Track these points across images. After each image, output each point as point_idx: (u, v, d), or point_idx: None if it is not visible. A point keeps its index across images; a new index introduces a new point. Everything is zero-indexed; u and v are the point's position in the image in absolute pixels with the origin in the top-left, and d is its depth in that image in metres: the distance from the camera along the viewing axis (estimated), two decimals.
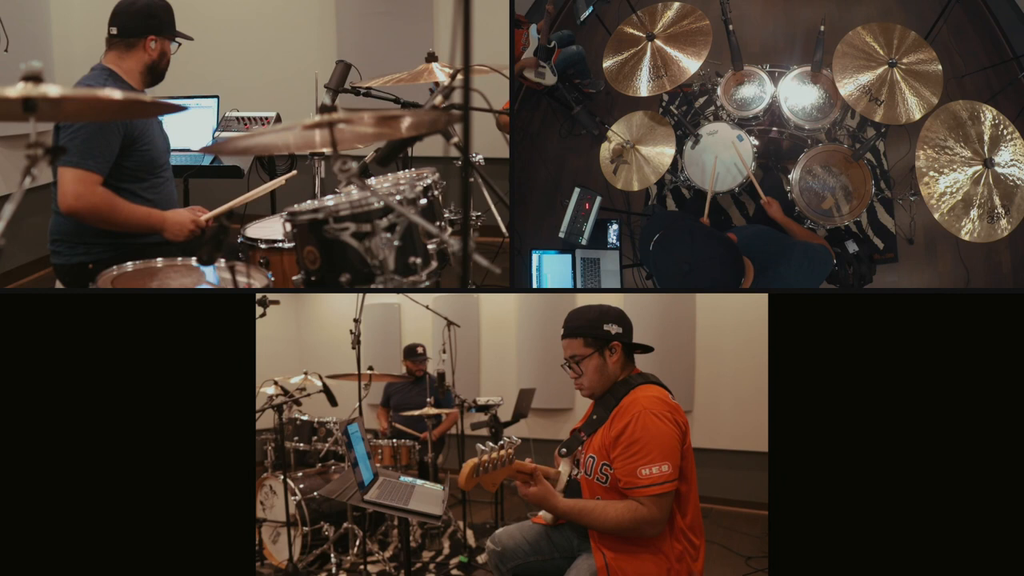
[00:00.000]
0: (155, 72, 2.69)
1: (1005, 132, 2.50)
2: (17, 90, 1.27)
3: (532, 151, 3.18)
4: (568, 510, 1.82)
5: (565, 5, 3.21)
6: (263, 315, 2.82)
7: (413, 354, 3.90)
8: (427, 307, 3.68)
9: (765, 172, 2.89)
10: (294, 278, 2.04)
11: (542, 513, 2.02)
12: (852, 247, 2.83)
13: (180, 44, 2.74)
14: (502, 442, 1.76)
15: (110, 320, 1.81)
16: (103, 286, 2.11)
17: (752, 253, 2.41)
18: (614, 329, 1.88)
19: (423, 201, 2.07)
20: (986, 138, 2.50)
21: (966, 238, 2.48)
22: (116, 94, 1.45)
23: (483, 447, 1.74)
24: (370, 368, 3.61)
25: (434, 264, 2.01)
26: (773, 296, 1.88)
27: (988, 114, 2.51)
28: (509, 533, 2.01)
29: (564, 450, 1.96)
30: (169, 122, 2.78)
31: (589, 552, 1.84)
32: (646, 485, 1.72)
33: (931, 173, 2.51)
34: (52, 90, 1.29)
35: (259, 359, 1.90)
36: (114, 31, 2.61)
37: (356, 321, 3.24)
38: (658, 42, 2.83)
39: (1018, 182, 2.48)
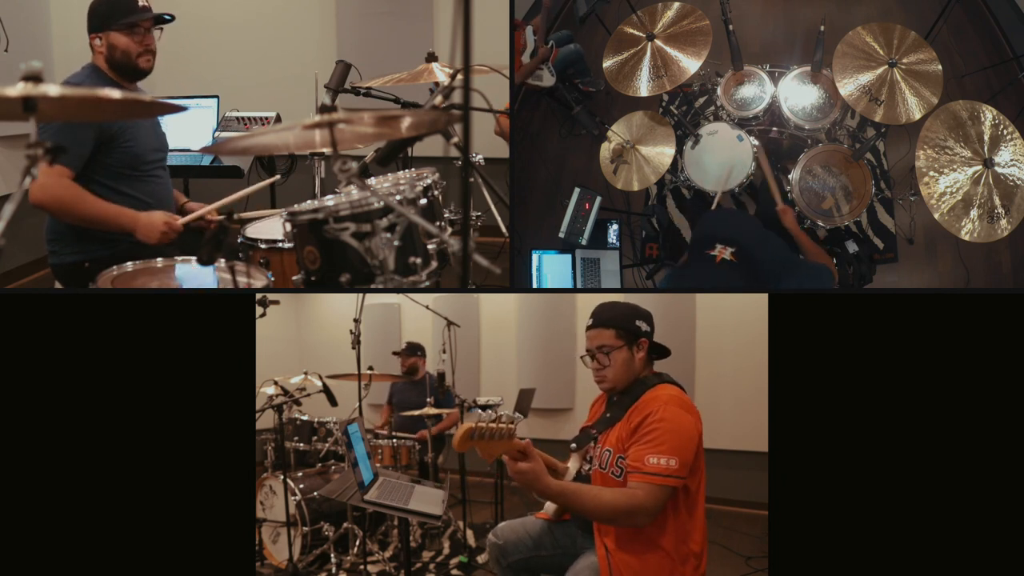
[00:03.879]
0: (117, 67, 2.59)
1: (1005, 132, 2.50)
2: (17, 90, 1.27)
3: (532, 151, 3.18)
4: (560, 491, 1.72)
5: (565, 5, 3.21)
6: (263, 315, 2.82)
7: (400, 351, 3.94)
8: (427, 307, 3.68)
9: None
10: (294, 278, 2.04)
11: (545, 508, 2.02)
12: (852, 247, 2.83)
13: (144, 29, 2.60)
14: (501, 414, 1.73)
15: (110, 320, 1.81)
16: (103, 286, 2.11)
17: (759, 257, 2.40)
18: (644, 327, 1.89)
19: (423, 201, 2.07)
20: (986, 138, 2.50)
21: (966, 238, 2.48)
22: (115, 94, 1.45)
23: (480, 412, 1.72)
24: (370, 368, 3.61)
25: (434, 264, 2.01)
26: (773, 296, 1.88)
27: (988, 114, 2.51)
28: (512, 527, 2.01)
29: (574, 445, 1.96)
30: (169, 122, 2.78)
31: (591, 550, 1.84)
32: (650, 472, 1.70)
33: (931, 173, 2.51)
34: (52, 90, 1.29)
35: (259, 359, 1.90)
36: None
37: (356, 321, 3.24)
38: (658, 42, 2.83)
39: (1018, 182, 2.48)
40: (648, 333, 1.90)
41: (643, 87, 2.82)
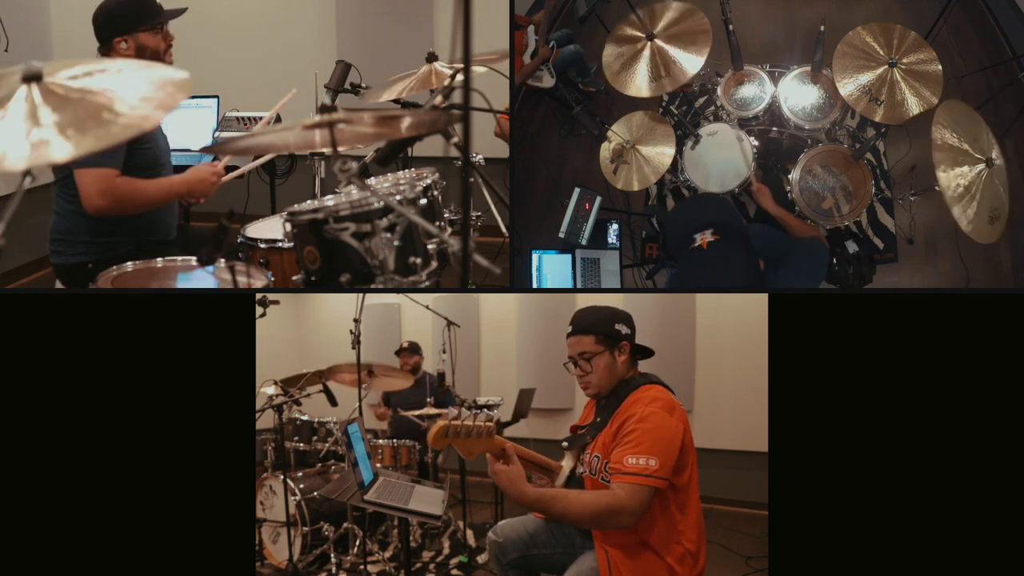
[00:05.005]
0: None
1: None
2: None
3: (532, 151, 3.18)
4: (538, 498, 1.69)
5: (565, 5, 3.21)
6: (263, 315, 2.82)
7: (400, 349, 3.96)
8: (427, 307, 3.68)
9: (765, 172, 2.89)
10: (294, 278, 2.04)
11: None
12: (852, 247, 2.83)
13: (163, 28, 2.64)
14: (478, 412, 1.72)
15: (110, 320, 1.81)
16: (103, 286, 2.12)
17: (749, 237, 2.41)
18: (624, 329, 1.89)
19: (423, 201, 2.07)
20: (988, 137, 2.49)
21: (967, 230, 2.44)
22: None
23: (452, 410, 1.72)
24: (370, 368, 3.60)
25: (434, 264, 2.01)
26: (773, 296, 1.88)
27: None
28: (511, 525, 2.01)
29: (566, 444, 1.96)
30: (169, 122, 2.77)
31: (590, 549, 1.84)
32: (629, 472, 1.69)
33: (945, 166, 2.46)
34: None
35: (259, 359, 1.90)
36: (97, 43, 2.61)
37: (356, 321, 3.24)
38: (658, 42, 2.82)
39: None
40: (629, 335, 1.89)
41: (643, 87, 2.82)
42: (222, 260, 1.70)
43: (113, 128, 1.20)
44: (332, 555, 3.15)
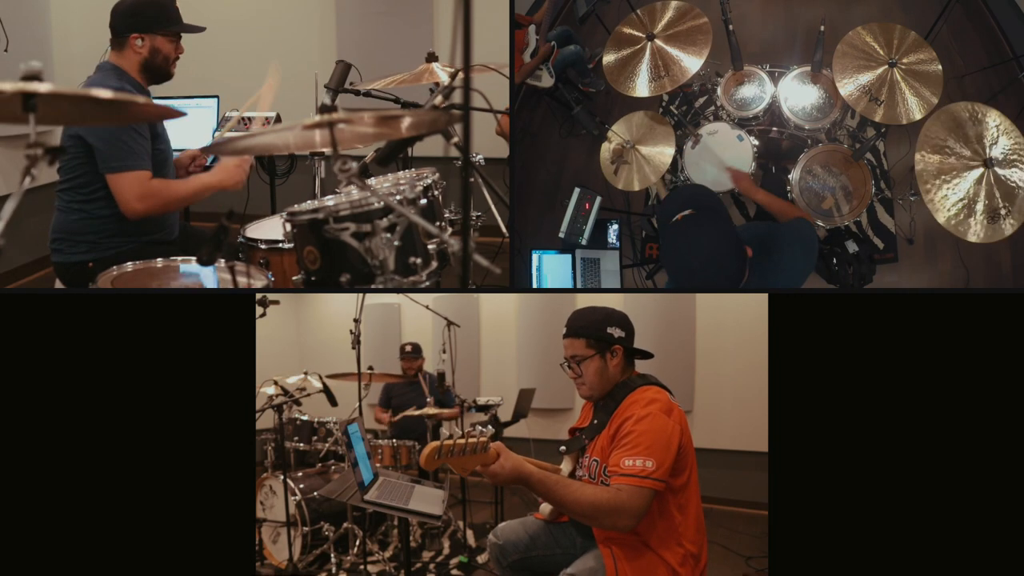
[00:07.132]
0: (152, 70, 2.64)
1: (1007, 134, 2.48)
2: (15, 87, 1.27)
3: (532, 151, 3.18)
4: (542, 479, 1.69)
5: (565, 5, 3.21)
6: (263, 315, 2.81)
7: (402, 352, 3.95)
8: (427, 307, 3.68)
9: (765, 172, 2.89)
10: (294, 278, 2.04)
11: (540, 508, 2.02)
12: (852, 247, 2.83)
13: (180, 37, 2.67)
14: (471, 430, 1.71)
15: (110, 320, 1.81)
16: (103, 286, 2.12)
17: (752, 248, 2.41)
18: (617, 333, 1.88)
19: (423, 201, 2.07)
20: (986, 139, 2.49)
21: (973, 239, 2.46)
22: (140, 98, 1.46)
23: (445, 431, 1.71)
24: (370, 368, 3.61)
25: (434, 264, 2.01)
26: (773, 296, 1.88)
27: (990, 116, 2.48)
28: (511, 527, 2.01)
29: (563, 448, 1.96)
30: (169, 122, 2.78)
31: (593, 549, 1.83)
32: (628, 474, 1.69)
33: (931, 176, 2.49)
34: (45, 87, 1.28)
35: (259, 359, 1.90)
36: (109, 32, 2.62)
37: (356, 321, 3.24)
38: (658, 42, 2.82)
39: (1020, 183, 2.47)
40: (622, 339, 1.88)
41: (643, 87, 2.82)
42: (222, 260, 1.70)
43: None
44: (332, 555, 3.14)
